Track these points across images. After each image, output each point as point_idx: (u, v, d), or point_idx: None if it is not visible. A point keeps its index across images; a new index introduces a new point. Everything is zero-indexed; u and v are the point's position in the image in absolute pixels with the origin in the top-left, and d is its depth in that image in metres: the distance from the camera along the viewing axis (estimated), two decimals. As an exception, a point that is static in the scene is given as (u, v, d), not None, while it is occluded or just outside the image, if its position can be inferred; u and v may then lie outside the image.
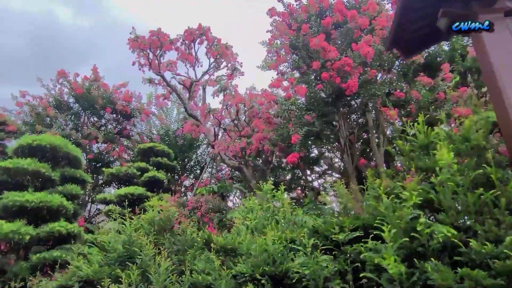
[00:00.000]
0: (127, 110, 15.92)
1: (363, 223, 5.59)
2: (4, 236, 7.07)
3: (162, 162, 14.11)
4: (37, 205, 7.94)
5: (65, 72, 15.58)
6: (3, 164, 8.50)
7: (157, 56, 13.86)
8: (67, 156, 9.64)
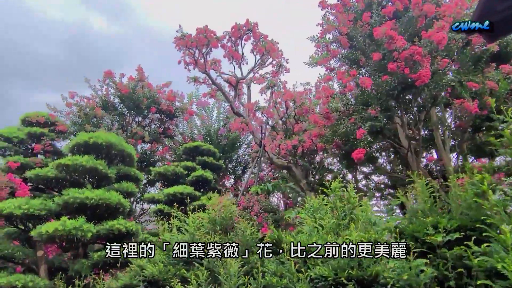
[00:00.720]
0: (171, 109, 15.86)
1: (461, 224, 5.01)
2: (67, 232, 6.96)
3: (208, 162, 13.89)
4: (97, 202, 7.82)
5: (111, 73, 15.73)
6: (63, 161, 8.47)
7: (203, 54, 13.68)
8: (121, 154, 9.54)
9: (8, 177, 11.60)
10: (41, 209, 8.23)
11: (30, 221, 8.78)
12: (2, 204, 8.36)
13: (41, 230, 7.06)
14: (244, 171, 18.15)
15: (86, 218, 7.84)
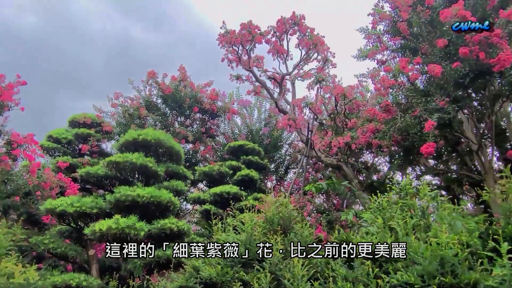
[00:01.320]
0: (213, 108, 15.63)
1: None
2: (120, 231, 6.74)
3: (253, 161, 13.49)
4: (148, 200, 7.58)
5: (154, 73, 15.73)
6: (113, 159, 8.33)
7: (247, 50, 13.33)
8: (170, 151, 9.31)
9: (58, 177, 11.73)
10: (92, 207, 8.11)
11: (82, 219, 8.71)
12: (55, 202, 8.33)
13: (94, 228, 6.88)
14: (287, 171, 17.63)
15: (137, 216, 7.60)
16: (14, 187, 10.76)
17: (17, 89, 10.09)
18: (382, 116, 8.57)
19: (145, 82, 15.96)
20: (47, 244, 8.23)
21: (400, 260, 4.93)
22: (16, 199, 10.46)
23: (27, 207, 11.05)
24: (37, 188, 10.99)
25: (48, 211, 8.21)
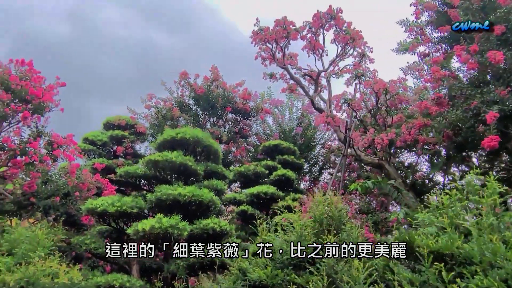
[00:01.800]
0: (247, 108, 15.39)
1: None
2: (164, 230, 6.53)
3: (289, 160, 13.13)
4: (189, 199, 7.37)
5: (186, 73, 15.68)
6: (153, 157, 8.18)
7: (282, 47, 13.00)
8: (208, 150, 9.10)
9: (96, 178, 11.77)
10: (133, 206, 7.98)
11: (122, 219, 8.61)
12: (96, 202, 8.26)
13: (137, 228, 6.71)
14: (321, 172, 17.14)
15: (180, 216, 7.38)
16: (54, 188, 10.86)
17: (56, 91, 10.19)
18: (435, 110, 8.01)
19: (177, 83, 15.94)
20: (89, 244, 8.16)
21: (475, 263, 4.45)
22: (56, 200, 10.54)
23: (66, 207, 11.12)
24: (76, 189, 11.05)
25: (89, 211, 8.15)
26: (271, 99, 16.93)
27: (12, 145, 8.66)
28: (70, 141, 10.27)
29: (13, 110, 8.94)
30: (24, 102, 9.36)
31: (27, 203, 10.55)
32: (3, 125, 9.86)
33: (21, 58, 10.27)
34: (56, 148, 9.71)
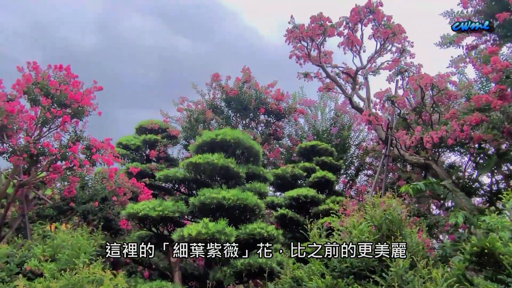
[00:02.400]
0: (280, 109, 15.00)
1: None
2: (210, 236, 6.21)
3: (326, 162, 12.62)
4: (234, 202, 7.03)
5: (218, 75, 15.47)
6: (194, 160, 7.91)
7: (318, 44, 12.56)
8: (249, 151, 8.76)
9: (132, 182, 11.66)
10: (174, 211, 7.73)
11: (162, 223, 8.38)
12: (136, 206, 8.07)
13: (182, 233, 6.42)
14: (358, 173, 16.50)
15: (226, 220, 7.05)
16: (92, 193, 10.80)
17: (93, 95, 10.13)
18: (498, 103, 7.36)
19: (209, 85, 15.74)
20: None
21: None
22: (94, 204, 10.46)
23: (104, 212, 11.04)
24: (113, 194, 10.97)
25: (130, 215, 7.96)
26: (303, 99, 16.48)
27: (53, 150, 8.60)
28: (107, 145, 10.18)
29: (53, 115, 8.90)
30: (63, 107, 9.32)
31: (67, 208, 10.53)
32: (43, 130, 9.89)
33: (59, 64, 10.28)
34: (94, 152, 9.61)
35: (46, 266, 7.09)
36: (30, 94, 9.44)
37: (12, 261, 7.39)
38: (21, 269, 7.14)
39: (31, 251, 7.94)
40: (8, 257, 7.58)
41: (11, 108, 8.27)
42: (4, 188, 10.12)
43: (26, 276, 6.82)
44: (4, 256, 7.43)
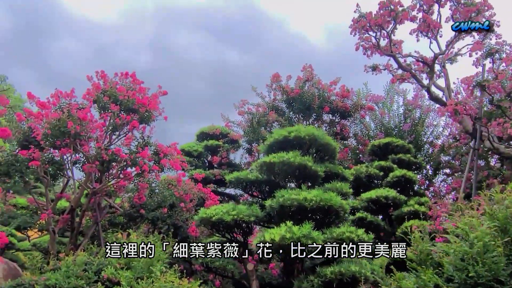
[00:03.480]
0: (346, 106, 14.05)
1: None
2: (296, 241, 5.54)
3: (404, 160, 11.46)
4: (317, 204, 6.31)
5: (279, 76, 14.92)
6: (267, 159, 7.34)
7: (388, 33, 11.53)
8: (325, 149, 8.02)
9: (198, 188, 11.38)
10: (249, 215, 7.19)
11: (236, 228, 7.88)
12: (209, 210, 7.64)
13: (263, 238, 5.82)
14: (436, 172, 14.99)
15: (296, 223, 6.35)
16: (160, 199, 10.64)
17: (159, 100, 10.01)
18: None
19: (269, 86, 15.24)
20: (204, 257, 7.52)
21: None
22: (164, 211, 10.27)
23: (172, 219, 10.83)
24: (180, 200, 10.73)
25: (203, 220, 7.54)
26: (369, 95, 15.38)
27: (124, 156, 8.49)
28: (174, 149, 9.98)
29: (122, 121, 8.84)
30: (131, 112, 9.25)
31: (137, 215, 10.43)
32: (112, 137, 9.92)
33: (125, 71, 10.32)
34: (162, 157, 9.42)
35: (122, 274, 6.87)
36: (100, 102, 9.51)
37: (90, 269, 7.27)
38: (99, 277, 6.97)
39: (107, 259, 7.81)
40: (86, 264, 7.49)
41: (84, 115, 8.30)
42: (78, 197, 10.26)
43: (104, 284, 6.62)
44: (82, 264, 7.34)
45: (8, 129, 8.61)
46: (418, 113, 15.49)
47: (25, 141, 9.16)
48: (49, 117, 8.36)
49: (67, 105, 9.03)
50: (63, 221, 10.20)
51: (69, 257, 7.88)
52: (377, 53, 12.46)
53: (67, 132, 8.27)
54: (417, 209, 9.35)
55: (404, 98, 16.35)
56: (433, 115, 15.57)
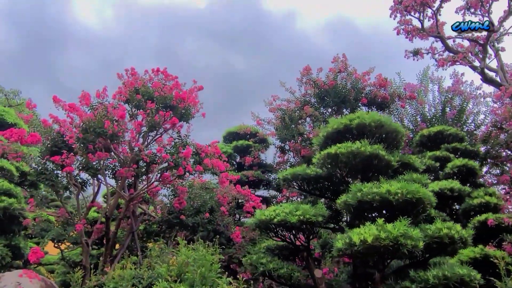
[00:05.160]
0: (386, 97, 13.14)
1: None
2: (393, 241, 4.67)
3: (460, 148, 10.53)
4: (403, 197, 5.43)
5: (309, 68, 14.07)
6: (333, 150, 6.48)
7: (434, 12, 10.67)
8: (392, 137, 7.14)
9: (237, 190, 10.60)
10: (316, 214, 6.34)
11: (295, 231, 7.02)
12: (267, 212, 6.79)
13: (350, 240, 4.95)
14: (482, 164, 13.97)
15: (385, 221, 5.47)
16: (200, 203, 9.87)
17: (196, 94, 9.25)
18: None
19: (299, 80, 14.39)
20: (265, 264, 6.67)
21: None
22: (206, 216, 9.49)
23: (213, 224, 10.04)
24: (219, 204, 9.95)
25: (262, 223, 6.70)
26: (407, 84, 14.46)
27: (166, 156, 7.71)
28: (215, 148, 9.19)
29: (161, 117, 8.06)
30: (169, 109, 8.50)
31: (176, 221, 9.65)
32: (148, 137, 9.16)
33: (156, 67, 9.60)
34: (204, 157, 8.63)
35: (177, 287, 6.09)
36: (133, 100, 8.77)
37: (140, 283, 6.49)
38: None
39: (155, 271, 7.02)
40: (134, 278, 6.72)
41: (122, 112, 7.55)
42: (113, 205, 9.51)
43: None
44: (131, 278, 6.56)
45: (38, 134, 7.90)
46: (458, 101, 14.58)
47: (54, 147, 8.44)
48: (83, 119, 7.61)
49: (99, 104, 8.31)
50: (98, 231, 9.45)
51: (115, 271, 7.13)
52: (417, 37, 11.62)
53: (104, 133, 7.52)
54: (488, 200, 8.41)
55: (439, 86, 15.49)
56: (473, 103, 14.67)
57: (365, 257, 5.29)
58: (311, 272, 6.73)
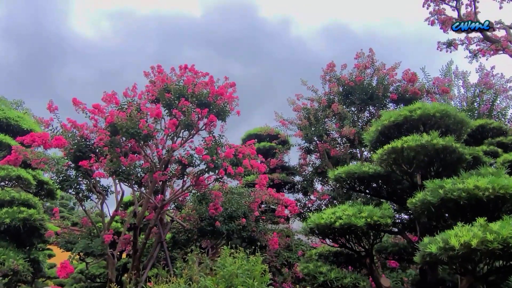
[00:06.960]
0: (416, 92, 12.55)
1: None
2: (502, 242, 4.01)
3: (505, 143, 9.90)
4: (494, 193, 4.79)
5: (334, 65, 13.51)
6: (399, 144, 5.84)
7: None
8: (458, 128, 6.53)
9: (269, 193, 9.94)
10: (384, 216, 5.69)
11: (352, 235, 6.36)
12: (325, 215, 6.12)
13: (447, 244, 4.28)
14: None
15: (464, 221, 4.83)
16: (235, 208, 9.20)
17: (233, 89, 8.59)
18: None
19: (323, 78, 13.81)
20: (325, 273, 6.00)
21: None
22: (242, 221, 8.82)
23: (248, 231, 9.35)
24: (251, 209, 9.30)
25: (319, 227, 6.03)
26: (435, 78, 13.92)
27: (206, 156, 7.03)
28: (251, 148, 8.55)
29: (199, 115, 7.41)
30: (204, 107, 7.84)
31: (210, 229, 8.96)
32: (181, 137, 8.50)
33: (184, 64, 8.96)
34: (242, 158, 7.97)
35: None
36: (164, 99, 8.12)
37: (188, 299, 5.82)
38: (200, 308, 5.52)
39: (201, 284, 6.34)
40: (180, 294, 6.03)
41: (158, 111, 6.90)
42: (142, 213, 8.82)
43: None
44: (177, 293, 5.88)
45: (62, 138, 7.22)
46: (488, 95, 14.05)
47: (78, 152, 7.76)
48: (114, 118, 6.94)
49: (129, 103, 7.67)
50: (125, 242, 8.74)
51: (153, 286, 6.46)
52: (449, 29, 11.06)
53: (138, 134, 6.86)
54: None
55: (464, 81, 15.04)
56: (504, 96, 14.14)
57: (463, 263, 4.63)
58: (376, 281, 6.06)
